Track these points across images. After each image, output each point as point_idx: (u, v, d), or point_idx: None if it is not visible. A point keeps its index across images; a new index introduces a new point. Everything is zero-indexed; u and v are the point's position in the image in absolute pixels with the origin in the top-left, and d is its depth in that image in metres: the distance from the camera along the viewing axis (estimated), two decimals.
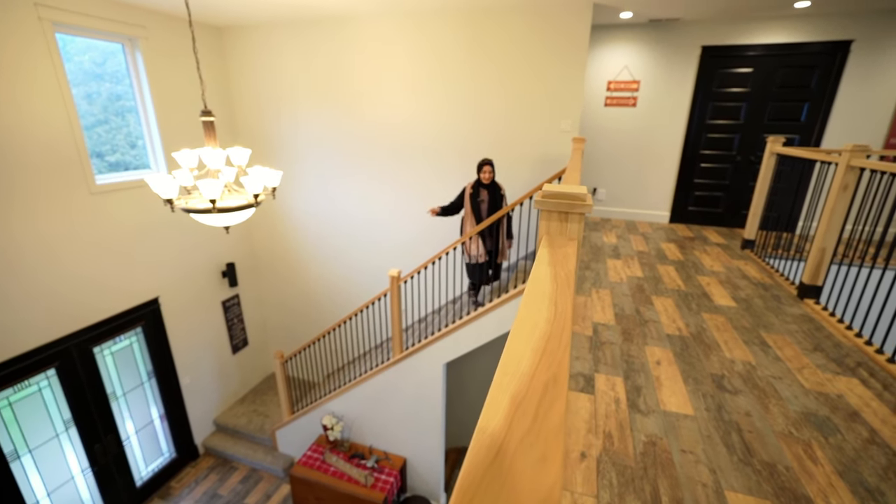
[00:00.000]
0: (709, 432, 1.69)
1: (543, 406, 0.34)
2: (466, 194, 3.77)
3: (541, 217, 0.82)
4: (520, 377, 0.38)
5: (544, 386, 0.36)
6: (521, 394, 0.35)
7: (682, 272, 3.44)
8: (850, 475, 1.49)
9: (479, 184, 3.71)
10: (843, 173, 2.65)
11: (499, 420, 0.32)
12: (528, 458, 0.28)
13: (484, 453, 0.28)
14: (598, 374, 2.06)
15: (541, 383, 0.37)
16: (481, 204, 3.72)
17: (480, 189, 3.70)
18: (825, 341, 2.40)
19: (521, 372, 0.38)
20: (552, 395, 0.35)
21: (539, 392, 0.35)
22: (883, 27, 4.02)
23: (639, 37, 4.65)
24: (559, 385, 0.36)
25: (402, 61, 4.47)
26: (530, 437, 0.30)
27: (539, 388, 0.36)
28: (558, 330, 0.45)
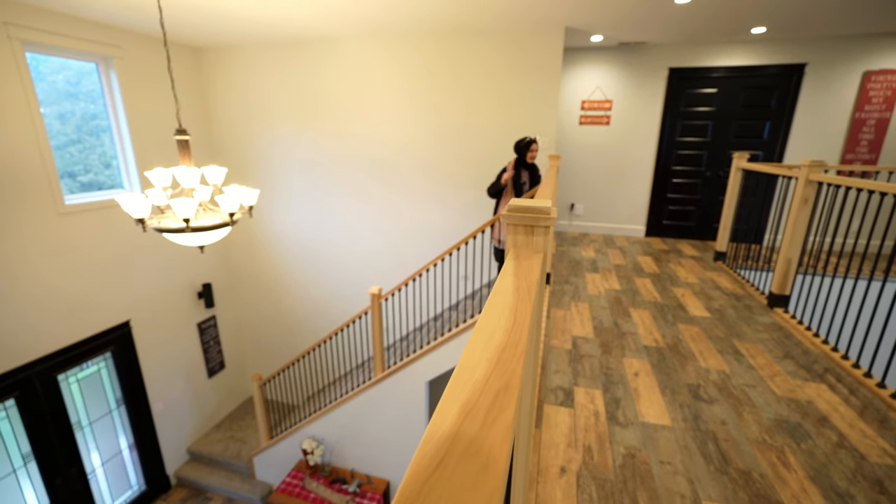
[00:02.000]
0: (686, 442, 1.71)
1: (492, 414, 0.34)
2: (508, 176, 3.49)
3: (508, 231, 0.83)
4: (472, 385, 0.38)
5: (495, 394, 0.36)
6: (471, 402, 0.35)
7: (658, 284, 3.51)
8: (822, 480, 1.52)
9: (522, 164, 3.50)
10: (802, 187, 2.79)
11: (446, 428, 0.32)
12: (471, 466, 0.28)
13: (426, 463, 0.28)
14: (578, 388, 2.07)
15: (492, 392, 0.37)
16: (523, 186, 3.50)
17: (522, 170, 3.50)
18: (794, 349, 2.47)
19: (474, 380, 0.39)
20: (502, 403, 0.35)
21: (490, 400, 0.36)
22: (832, 52, 4.29)
23: (610, 59, 4.85)
24: (510, 393, 0.37)
25: (380, 82, 4.53)
26: (475, 445, 0.30)
27: (490, 397, 0.36)
28: (515, 340, 0.46)
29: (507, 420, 0.33)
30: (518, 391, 0.37)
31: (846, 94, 4.35)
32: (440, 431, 0.32)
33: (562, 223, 5.42)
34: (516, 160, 3.51)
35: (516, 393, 0.37)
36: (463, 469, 0.28)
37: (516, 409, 0.35)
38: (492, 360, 0.42)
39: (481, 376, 0.39)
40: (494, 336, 0.47)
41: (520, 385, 0.38)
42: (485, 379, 0.39)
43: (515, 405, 0.35)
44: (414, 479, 0.27)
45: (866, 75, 4.26)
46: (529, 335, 0.49)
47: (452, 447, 0.30)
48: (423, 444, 0.30)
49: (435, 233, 4.75)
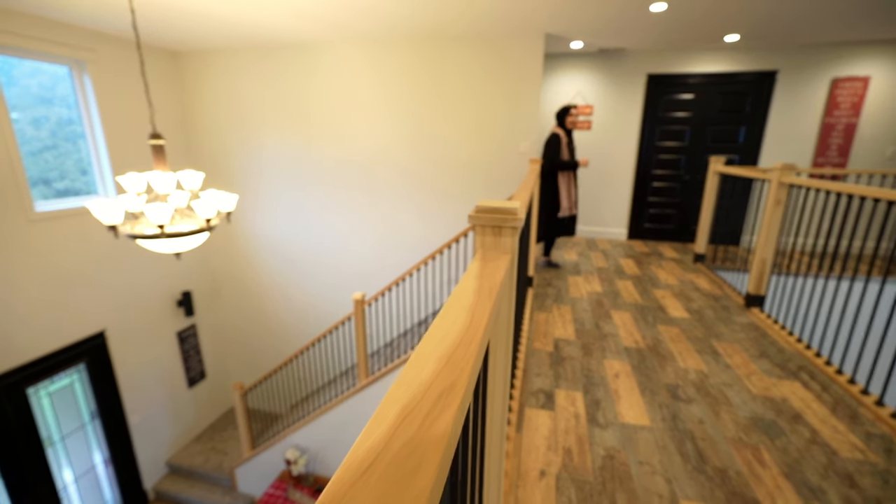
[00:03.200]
0: (664, 442, 1.72)
1: (432, 415, 0.33)
2: (563, 143, 3.56)
3: (476, 232, 0.83)
4: (416, 387, 0.37)
5: (438, 395, 0.36)
6: (412, 404, 0.34)
7: (639, 286, 3.56)
8: (795, 476, 1.54)
9: (566, 130, 3.62)
10: (775, 190, 2.86)
11: (379, 433, 0.31)
12: (403, 468, 0.27)
13: (353, 470, 0.27)
14: (559, 390, 2.07)
15: (436, 392, 0.36)
16: (575, 151, 3.68)
17: (567, 136, 3.62)
18: (770, 347, 2.52)
19: (419, 381, 0.38)
20: (444, 403, 0.34)
21: (432, 401, 0.35)
22: (801, 59, 4.44)
23: (590, 65, 4.93)
24: (455, 393, 0.36)
25: (363, 86, 4.52)
26: (409, 447, 0.30)
27: (432, 398, 0.35)
28: (468, 339, 0.45)
29: (448, 420, 0.32)
30: (464, 390, 0.36)
31: (815, 100, 4.50)
32: (373, 436, 0.31)
33: None
34: (561, 126, 3.63)
35: (462, 392, 0.36)
36: (391, 473, 0.27)
37: (458, 409, 0.34)
38: (441, 360, 0.41)
39: (427, 377, 0.38)
40: (448, 336, 0.46)
41: (467, 384, 0.37)
42: (430, 379, 0.38)
43: (458, 404, 0.34)
44: (336, 488, 0.26)
45: (834, 82, 4.41)
46: (485, 335, 0.49)
47: (384, 452, 0.29)
48: (353, 451, 0.29)
49: (418, 237, 4.74)
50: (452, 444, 0.32)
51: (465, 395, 0.37)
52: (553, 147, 3.57)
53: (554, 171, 3.61)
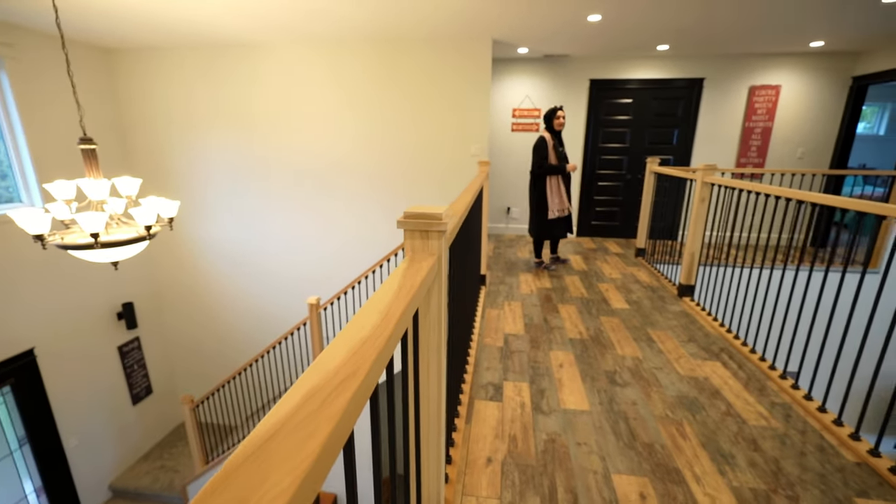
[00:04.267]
0: (601, 424, 1.86)
1: (332, 396, 0.39)
2: (550, 146, 3.61)
3: (405, 236, 0.90)
4: (323, 373, 0.43)
5: (341, 380, 0.41)
6: (317, 388, 0.40)
7: (585, 281, 3.77)
8: (711, 445, 1.73)
9: (554, 133, 3.65)
10: (699, 188, 3.13)
11: (285, 410, 0.37)
12: (295, 437, 0.33)
13: (258, 438, 0.33)
14: (507, 382, 2.18)
15: (339, 378, 0.42)
16: (563, 153, 3.69)
17: (555, 138, 3.66)
18: (697, 332, 2.76)
19: (327, 369, 0.43)
20: (344, 386, 0.40)
21: (334, 385, 0.41)
22: (724, 68, 4.86)
23: (537, 69, 5.14)
24: (356, 378, 0.42)
25: (315, 89, 4.48)
26: (307, 420, 0.35)
27: (335, 383, 0.41)
28: (377, 334, 0.51)
29: (344, 400, 0.38)
30: (364, 376, 0.43)
31: (737, 106, 4.94)
32: (280, 412, 0.36)
33: (499, 226, 5.63)
34: (548, 129, 3.67)
35: (362, 378, 0.42)
36: (288, 441, 0.33)
37: (357, 391, 0.40)
38: (350, 351, 0.47)
39: (334, 365, 0.44)
40: (362, 330, 0.52)
41: (368, 371, 0.44)
42: (337, 368, 0.44)
43: (357, 387, 0.40)
44: (240, 453, 0.32)
45: (752, 89, 4.87)
46: (396, 330, 0.55)
47: (286, 423, 0.35)
48: (260, 426, 0.35)
49: (376, 241, 4.75)
50: (348, 419, 0.38)
51: (365, 381, 0.43)
52: (539, 151, 3.62)
53: (542, 174, 3.66)
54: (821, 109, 4.84)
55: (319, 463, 0.32)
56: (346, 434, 0.38)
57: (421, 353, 0.94)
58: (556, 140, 3.69)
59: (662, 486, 1.52)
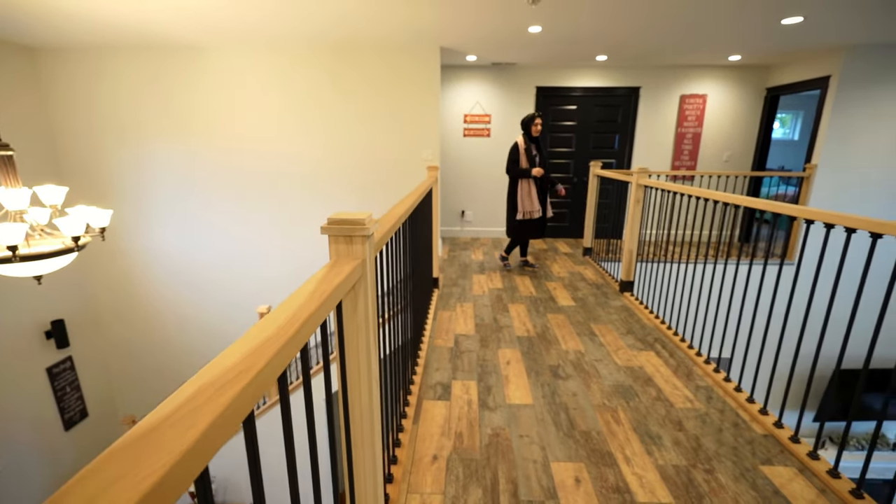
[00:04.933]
0: (543, 416, 1.96)
1: (219, 392, 0.42)
2: (522, 150, 3.73)
3: (329, 241, 0.93)
4: (219, 370, 0.45)
5: (234, 376, 0.44)
6: (209, 382, 0.43)
7: (534, 280, 3.91)
8: (641, 428, 1.86)
9: (530, 138, 3.77)
10: (634, 190, 3.35)
11: (175, 403, 0.39)
12: (176, 429, 0.36)
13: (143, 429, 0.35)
14: (456, 381, 2.24)
15: (232, 374, 0.45)
16: (535, 159, 3.78)
17: (531, 144, 3.77)
18: (635, 325, 2.95)
19: (223, 366, 0.46)
20: (234, 382, 0.43)
21: (227, 381, 0.44)
22: (657, 78, 5.22)
23: (486, 76, 5.28)
24: (247, 375, 0.45)
25: (262, 94, 4.37)
26: (192, 413, 0.38)
27: (227, 379, 0.44)
28: (281, 334, 0.55)
29: (231, 394, 0.41)
30: (256, 373, 0.46)
31: (670, 113, 5.31)
32: (170, 405, 0.39)
33: (454, 229, 5.72)
34: (525, 136, 3.77)
35: (253, 374, 0.45)
36: (173, 431, 0.35)
37: (245, 386, 0.43)
38: (249, 349, 0.50)
39: (232, 362, 0.47)
40: (266, 330, 0.55)
41: (261, 369, 0.47)
42: (233, 364, 0.46)
43: (246, 383, 0.43)
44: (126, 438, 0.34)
45: (682, 98, 5.25)
46: (301, 330, 0.59)
47: (171, 416, 0.37)
48: (149, 418, 0.37)
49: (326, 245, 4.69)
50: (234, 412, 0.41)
51: (257, 377, 0.46)
52: (511, 155, 3.81)
53: (514, 178, 3.84)
54: (741, 117, 5.30)
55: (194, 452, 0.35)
56: (231, 426, 0.41)
57: (349, 354, 0.97)
58: (535, 145, 3.82)
59: (596, 470, 1.63)
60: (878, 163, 4.39)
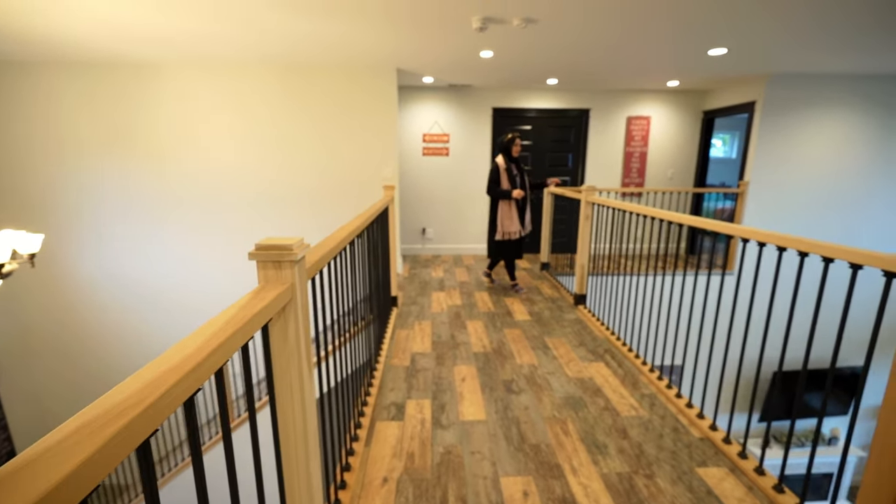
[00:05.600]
0: (495, 431, 1.98)
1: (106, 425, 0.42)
2: (502, 171, 3.73)
3: (258, 267, 0.93)
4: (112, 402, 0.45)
5: (123, 409, 0.45)
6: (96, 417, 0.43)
7: (493, 296, 3.98)
8: (588, 438, 1.92)
9: (510, 159, 3.77)
10: (584, 207, 3.51)
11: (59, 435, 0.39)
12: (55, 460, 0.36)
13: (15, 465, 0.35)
14: (410, 401, 2.23)
15: (123, 407, 0.45)
16: (516, 179, 3.77)
17: (511, 164, 3.77)
18: (587, 337, 3.05)
19: (114, 401, 0.46)
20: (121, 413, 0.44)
21: (114, 415, 0.44)
22: (606, 100, 5.53)
23: (444, 97, 5.42)
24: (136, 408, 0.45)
25: (213, 113, 4.29)
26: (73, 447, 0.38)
27: (117, 412, 0.44)
28: (186, 363, 0.55)
29: (114, 428, 0.41)
30: (149, 404, 0.46)
31: (618, 134, 5.62)
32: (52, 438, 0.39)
33: (415, 247, 5.75)
34: (505, 157, 3.77)
35: (143, 407, 0.45)
36: (41, 467, 0.36)
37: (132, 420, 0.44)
38: (148, 381, 0.50)
39: (123, 397, 0.47)
40: (170, 360, 0.55)
41: (155, 401, 0.47)
42: (127, 396, 0.47)
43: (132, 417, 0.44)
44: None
45: (629, 119, 5.58)
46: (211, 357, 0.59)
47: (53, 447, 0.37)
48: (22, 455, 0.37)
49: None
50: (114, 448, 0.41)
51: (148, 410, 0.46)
52: (491, 176, 3.84)
53: (494, 198, 3.88)
54: (682, 137, 5.68)
55: (60, 489, 0.35)
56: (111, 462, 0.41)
57: (279, 382, 0.97)
58: (515, 165, 3.85)
59: (544, 482, 1.66)
60: (799, 180, 4.81)
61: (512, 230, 3.87)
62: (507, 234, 3.88)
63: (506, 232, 3.87)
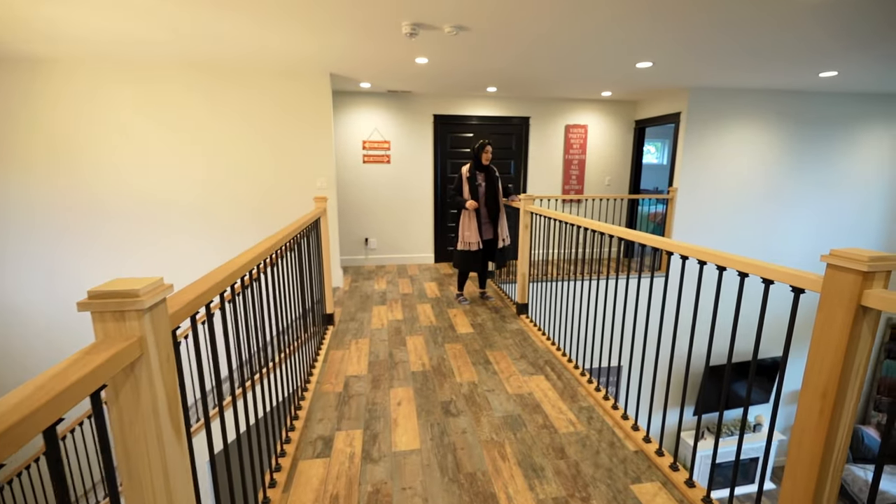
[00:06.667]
0: (429, 461, 1.86)
1: None
2: (464, 180, 3.65)
3: (93, 319, 0.75)
4: None
5: None
6: None
7: (436, 308, 3.87)
8: (526, 461, 1.85)
9: (477, 167, 3.66)
10: (522, 216, 3.50)
11: None
12: None
13: None
14: (339, 432, 2.06)
15: None
16: (479, 187, 3.65)
17: (477, 172, 3.66)
18: (528, 348, 3.02)
19: None
20: None
21: None
22: (545, 109, 5.64)
23: (384, 103, 5.27)
24: None
25: (127, 116, 3.86)
26: None
27: None
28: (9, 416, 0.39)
29: None
30: None
31: (557, 141, 5.75)
32: None
33: (358, 258, 5.53)
34: (472, 164, 3.69)
35: None
36: None
37: None
38: None
39: None
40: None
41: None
42: None
43: None
44: None
45: (567, 128, 5.73)
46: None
47: None
48: None
49: None
50: None
51: None
52: (454, 184, 3.77)
53: (457, 207, 3.77)
54: (617, 145, 5.91)
55: None
56: None
57: (131, 458, 0.78)
58: (483, 174, 3.69)
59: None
60: (720, 185, 5.15)
61: (471, 240, 3.74)
62: (466, 243, 3.77)
63: (465, 242, 3.77)
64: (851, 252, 1.01)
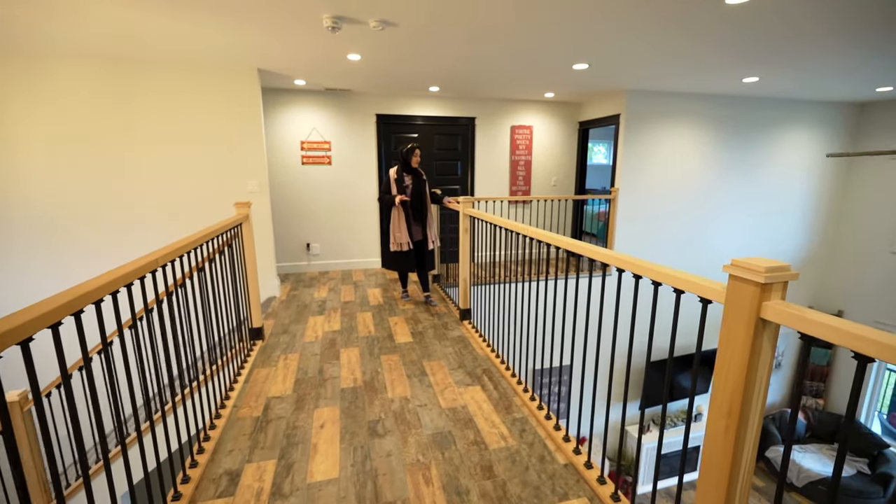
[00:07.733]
0: (346, 492, 1.71)
1: None
2: (392, 181, 3.68)
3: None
4: None
5: None
6: None
7: (377, 316, 3.70)
8: (451, 485, 1.73)
9: (405, 168, 3.71)
10: (463, 220, 3.40)
11: None
12: None
13: None
14: (249, 464, 1.85)
15: None
16: (406, 189, 3.70)
17: (405, 174, 3.70)
18: (467, 357, 2.92)
19: None
20: None
21: None
22: (490, 109, 5.60)
23: (322, 102, 5.02)
24: None
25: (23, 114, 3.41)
26: None
27: None
28: None
29: None
30: None
31: (503, 142, 5.73)
32: None
33: (300, 264, 5.25)
34: (400, 166, 3.72)
35: None
36: None
37: None
38: None
39: None
40: None
41: None
42: None
43: None
44: None
45: (513, 128, 5.72)
46: None
47: None
48: None
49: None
50: None
51: None
52: (383, 185, 3.80)
53: (387, 207, 3.74)
54: (562, 146, 5.98)
55: None
56: None
57: None
58: (411, 176, 3.72)
59: None
60: (657, 184, 5.31)
61: (402, 241, 3.68)
62: (397, 244, 3.71)
63: (396, 242, 3.70)
64: (750, 262, 0.97)
